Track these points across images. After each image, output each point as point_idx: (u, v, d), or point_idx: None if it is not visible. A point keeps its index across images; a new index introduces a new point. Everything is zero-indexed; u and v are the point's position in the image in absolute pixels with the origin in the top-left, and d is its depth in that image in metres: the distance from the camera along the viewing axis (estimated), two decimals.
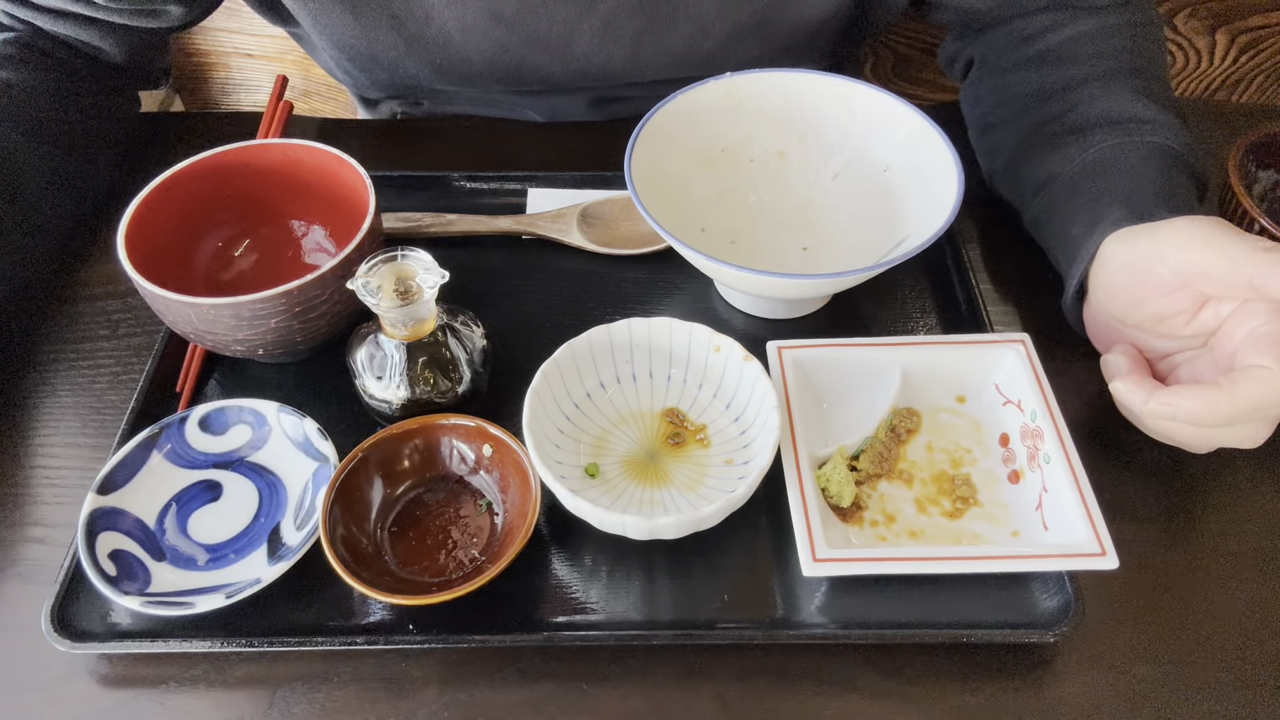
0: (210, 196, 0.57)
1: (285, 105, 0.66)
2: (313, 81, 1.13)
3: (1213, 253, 0.46)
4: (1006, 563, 0.44)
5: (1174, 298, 0.48)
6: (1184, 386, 0.46)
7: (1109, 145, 0.55)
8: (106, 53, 0.66)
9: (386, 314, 0.48)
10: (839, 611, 0.46)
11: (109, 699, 0.45)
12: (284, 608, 0.46)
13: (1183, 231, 0.47)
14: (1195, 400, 0.44)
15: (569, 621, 0.46)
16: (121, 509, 0.48)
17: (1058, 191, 0.56)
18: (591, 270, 0.63)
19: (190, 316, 0.49)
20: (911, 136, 0.58)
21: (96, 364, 0.58)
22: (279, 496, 0.50)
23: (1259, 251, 0.45)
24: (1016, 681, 0.45)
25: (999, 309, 0.61)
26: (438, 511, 0.49)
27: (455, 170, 0.68)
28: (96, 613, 0.46)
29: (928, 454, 0.51)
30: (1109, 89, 0.58)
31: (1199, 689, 0.45)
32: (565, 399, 0.51)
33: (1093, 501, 0.45)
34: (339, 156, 0.56)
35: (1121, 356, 0.50)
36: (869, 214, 0.61)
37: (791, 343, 0.52)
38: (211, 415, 0.52)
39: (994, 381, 0.52)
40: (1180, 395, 0.45)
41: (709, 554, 0.49)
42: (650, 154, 0.57)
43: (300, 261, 0.61)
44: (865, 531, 0.48)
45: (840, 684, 0.45)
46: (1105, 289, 0.51)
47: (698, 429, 0.52)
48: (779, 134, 0.63)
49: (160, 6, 0.64)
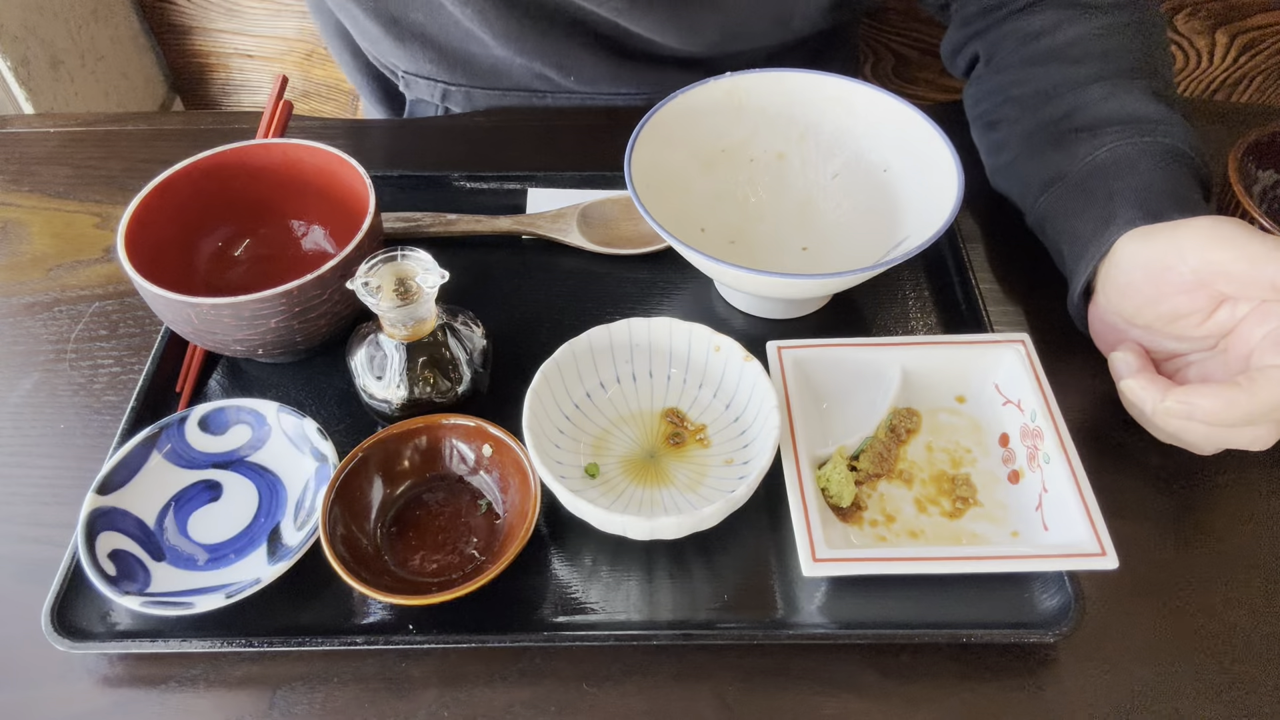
0: (210, 196, 0.57)
1: (285, 105, 0.66)
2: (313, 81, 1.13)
3: (1234, 252, 0.46)
4: (1006, 563, 0.44)
5: (1191, 297, 0.47)
6: (1200, 385, 0.46)
7: (1120, 145, 0.55)
8: None
9: (386, 314, 0.48)
10: (839, 611, 0.46)
11: (109, 699, 0.45)
12: (284, 608, 0.46)
13: (1205, 230, 0.47)
14: (1214, 399, 0.44)
15: (569, 621, 0.46)
16: (121, 509, 0.48)
17: (1066, 189, 0.56)
18: (591, 270, 0.63)
19: (190, 316, 0.49)
20: (911, 136, 0.58)
21: (96, 364, 0.58)
22: (279, 496, 0.50)
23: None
24: (1016, 681, 0.45)
25: (999, 309, 0.61)
26: (438, 511, 0.49)
27: (455, 170, 0.68)
28: (96, 613, 0.46)
29: (928, 454, 0.51)
30: (1118, 88, 0.58)
31: (1199, 689, 0.45)
32: (565, 399, 0.51)
33: (1093, 501, 0.45)
34: (339, 156, 0.56)
35: (1130, 355, 0.50)
36: (869, 214, 0.61)
37: (791, 343, 0.52)
38: (211, 415, 0.52)
39: (994, 381, 0.52)
40: (1197, 394, 0.45)
41: (709, 554, 0.49)
42: (650, 154, 0.57)
43: (300, 262, 0.61)
44: (865, 531, 0.48)
45: (840, 684, 0.45)
46: (1117, 287, 0.51)
47: (698, 429, 0.52)
48: (779, 134, 0.63)
49: None
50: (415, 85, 0.82)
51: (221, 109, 1.18)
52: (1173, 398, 0.46)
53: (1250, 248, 0.45)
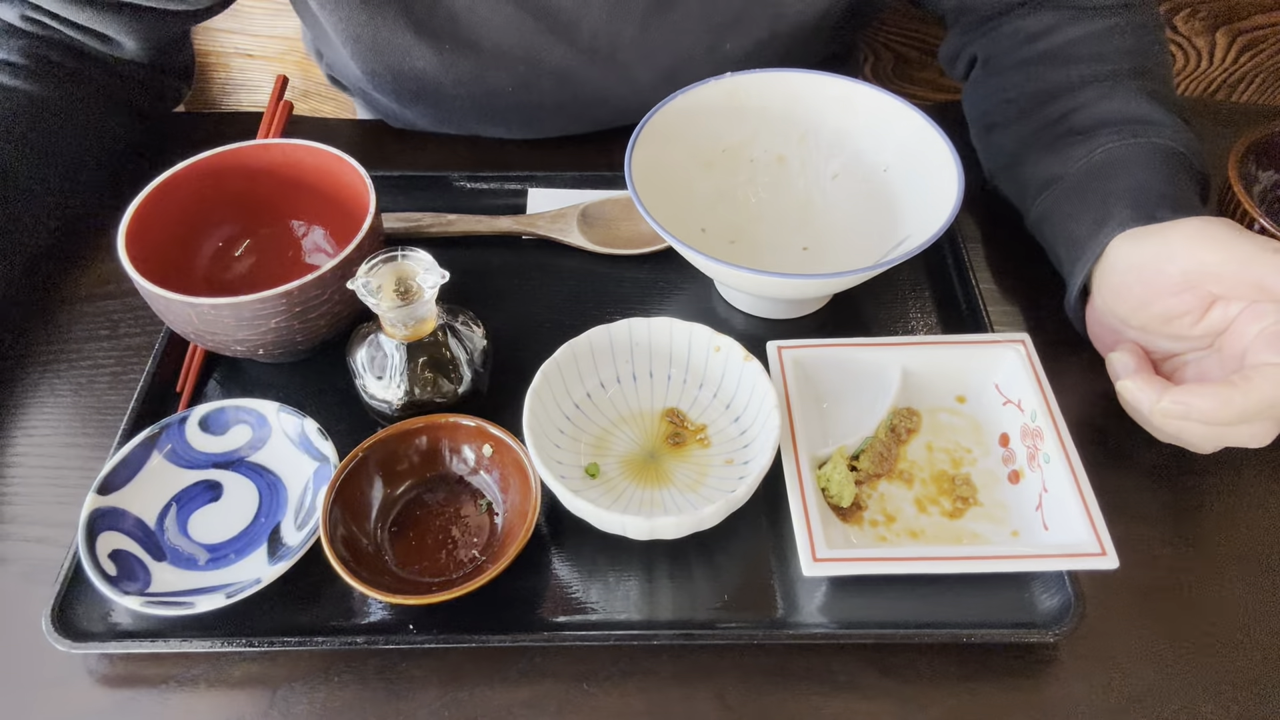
0: (210, 196, 0.57)
1: (285, 105, 0.66)
2: (313, 81, 1.13)
3: (1223, 253, 0.46)
4: (1006, 563, 0.44)
5: (1182, 298, 0.48)
6: (1196, 385, 0.46)
7: (1115, 146, 0.55)
8: (124, 47, 0.66)
9: (386, 314, 0.48)
10: (839, 611, 0.46)
11: (109, 699, 0.45)
12: (284, 608, 0.46)
13: (1193, 232, 0.47)
14: (1209, 399, 0.45)
15: (569, 621, 0.46)
16: (122, 509, 0.48)
17: (1062, 191, 0.56)
18: (591, 270, 0.63)
19: (190, 316, 0.49)
20: (911, 136, 0.58)
21: (96, 364, 0.58)
22: (279, 496, 0.50)
23: (1270, 253, 0.45)
24: (1016, 681, 0.45)
25: (999, 309, 0.61)
26: (438, 511, 0.49)
27: (455, 170, 0.68)
28: (96, 613, 0.46)
29: (928, 454, 0.51)
30: (1114, 90, 0.58)
31: (1199, 689, 0.45)
32: (565, 399, 0.51)
33: (1093, 501, 0.45)
34: (339, 156, 0.56)
35: (1128, 355, 0.50)
36: (869, 214, 0.61)
37: (791, 343, 0.52)
38: (211, 415, 0.52)
39: (994, 381, 0.52)
40: (1193, 394, 0.45)
41: (709, 554, 0.49)
42: (650, 154, 0.57)
43: (300, 261, 0.61)
44: (865, 531, 0.48)
45: (840, 684, 0.45)
46: (1111, 289, 0.51)
47: (698, 429, 0.52)
48: (779, 134, 0.63)
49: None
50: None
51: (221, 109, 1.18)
52: (1169, 398, 0.46)
53: (1238, 249, 0.46)
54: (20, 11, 0.63)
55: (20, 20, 0.63)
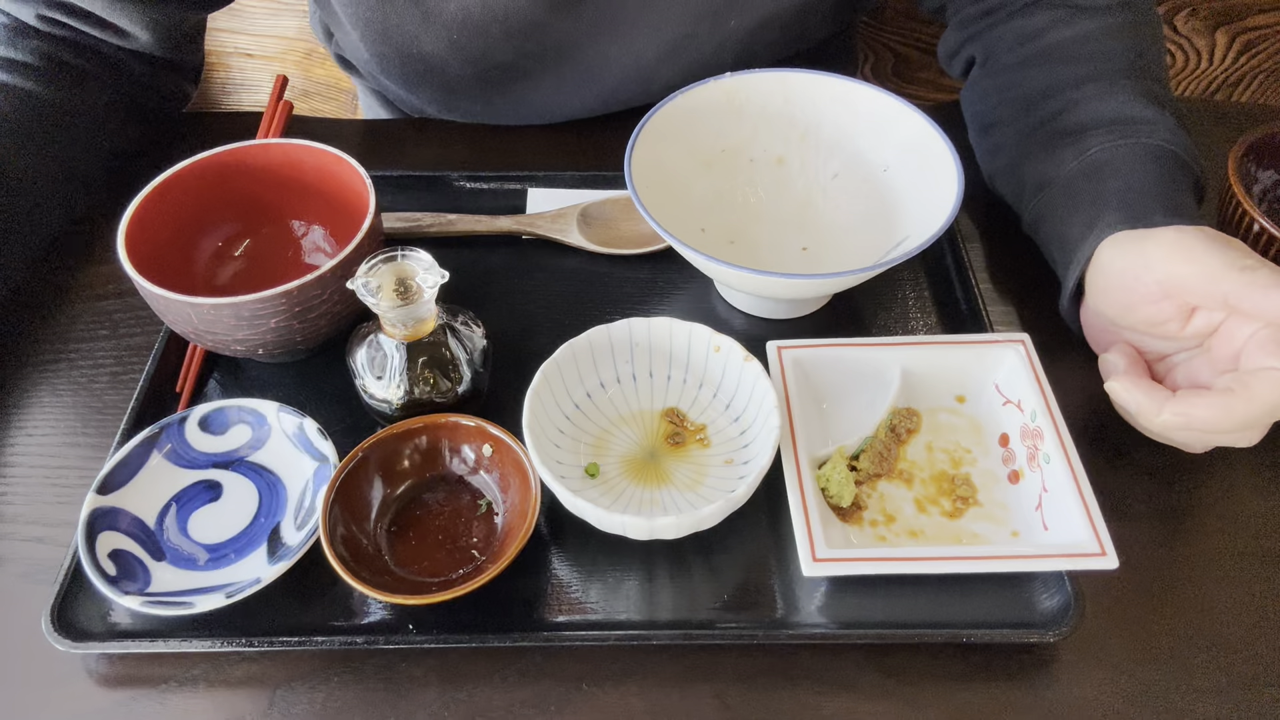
0: (210, 196, 0.57)
1: (285, 105, 0.66)
2: (313, 81, 1.13)
3: (1193, 266, 0.46)
4: (1006, 563, 0.44)
5: (1160, 306, 0.48)
6: (1196, 394, 0.46)
7: (1107, 147, 0.55)
8: (139, 39, 0.66)
9: (386, 314, 0.48)
10: (839, 611, 0.46)
11: (109, 699, 0.45)
12: (284, 608, 0.46)
13: (1169, 242, 0.47)
14: (1210, 408, 0.44)
15: (569, 621, 0.46)
16: (121, 509, 0.48)
17: (1056, 193, 0.56)
18: (591, 270, 0.63)
19: (190, 316, 0.49)
20: (911, 136, 0.58)
21: (96, 364, 0.58)
22: (279, 496, 0.50)
23: (1236, 270, 0.45)
24: (1016, 681, 0.45)
25: (999, 309, 0.61)
26: (438, 511, 0.49)
27: (455, 170, 0.68)
28: (96, 613, 0.46)
29: (928, 454, 0.51)
30: (1108, 90, 0.58)
31: (1199, 689, 0.45)
32: (565, 399, 0.51)
33: (1092, 501, 0.45)
34: (339, 156, 0.56)
35: (1119, 356, 0.50)
36: (869, 214, 0.61)
37: (791, 343, 0.52)
38: (211, 415, 0.52)
39: (994, 381, 0.52)
40: (1194, 405, 0.45)
41: (709, 554, 0.49)
42: (650, 154, 0.57)
43: (300, 261, 0.61)
44: (865, 531, 0.48)
45: (840, 684, 0.45)
46: (1100, 292, 0.51)
47: (698, 429, 0.52)
48: (779, 134, 0.63)
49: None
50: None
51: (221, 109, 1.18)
52: (1170, 409, 0.46)
53: (1209, 262, 0.46)
54: (36, 10, 0.63)
55: (35, 20, 0.63)
